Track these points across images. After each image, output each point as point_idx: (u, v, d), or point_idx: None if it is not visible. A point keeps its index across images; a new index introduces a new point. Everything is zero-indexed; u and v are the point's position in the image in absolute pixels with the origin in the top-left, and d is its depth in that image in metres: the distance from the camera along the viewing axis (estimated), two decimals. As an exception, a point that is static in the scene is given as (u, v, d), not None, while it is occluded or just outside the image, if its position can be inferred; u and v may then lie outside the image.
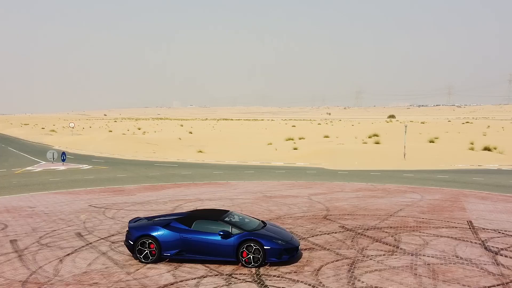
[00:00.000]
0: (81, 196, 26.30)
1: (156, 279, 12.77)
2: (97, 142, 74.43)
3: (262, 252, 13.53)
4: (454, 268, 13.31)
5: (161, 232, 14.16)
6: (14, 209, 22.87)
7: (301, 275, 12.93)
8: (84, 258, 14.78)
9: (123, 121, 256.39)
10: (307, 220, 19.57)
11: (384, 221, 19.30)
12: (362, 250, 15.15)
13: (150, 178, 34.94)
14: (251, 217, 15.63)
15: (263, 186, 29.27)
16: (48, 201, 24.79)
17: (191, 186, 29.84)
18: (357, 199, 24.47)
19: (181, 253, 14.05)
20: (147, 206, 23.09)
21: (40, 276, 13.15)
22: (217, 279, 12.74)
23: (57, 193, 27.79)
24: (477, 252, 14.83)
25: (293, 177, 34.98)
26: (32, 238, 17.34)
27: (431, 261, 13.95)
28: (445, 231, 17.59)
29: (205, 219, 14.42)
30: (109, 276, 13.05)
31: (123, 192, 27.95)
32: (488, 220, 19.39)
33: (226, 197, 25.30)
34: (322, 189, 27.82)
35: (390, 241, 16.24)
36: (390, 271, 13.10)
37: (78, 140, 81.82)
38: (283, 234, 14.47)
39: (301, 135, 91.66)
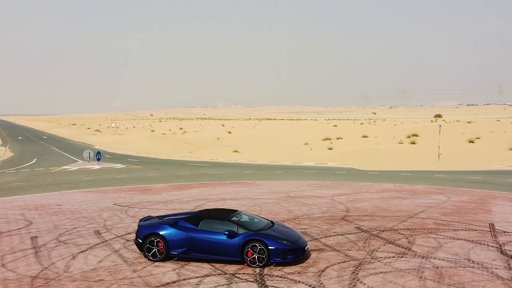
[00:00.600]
0: (108, 195, 26.90)
1: (160, 277, 12.96)
2: (136, 142, 75.89)
3: (267, 252, 13.53)
4: (463, 272, 12.96)
5: (168, 231, 14.36)
6: (42, 206, 23.61)
7: (304, 276, 12.87)
8: (96, 255, 15.13)
9: (167, 121, 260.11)
10: (324, 221, 19.43)
11: (402, 222, 18.97)
12: (372, 252, 14.94)
13: (180, 178, 35.40)
14: (260, 217, 15.65)
15: (289, 186, 29.21)
16: (76, 199, 25.47)
17: (217, 186, 30.07)
18: (380, 200, 24.12)
19: (188, 252, 14.21)
20: (169, 205, 23.41)
21: (50, 272, 13.55)
22: (219, 278, 12.82)
23: (86, 191, 28.52)
24: (491, 256, 14.40)
25: (321, 177, 34.75)
26: (52, 235, 17.87)
27: (441, 264, 13.63)
28: (463, 233, 17.14)
29: (212, 218, 14.53)
30: (115, 273, 13.33)
31: (150, 191, 28.43)
32: (511, 223, 18.78)
33: (249, 197, 25.38)
34: (348, 190, 27.54)
35: (404, 243, 15.96)
36: (395, 274, 12.88)
37: (118, 140, 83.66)
38: (289, 235, 14.42)
39: (341, 135, 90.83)
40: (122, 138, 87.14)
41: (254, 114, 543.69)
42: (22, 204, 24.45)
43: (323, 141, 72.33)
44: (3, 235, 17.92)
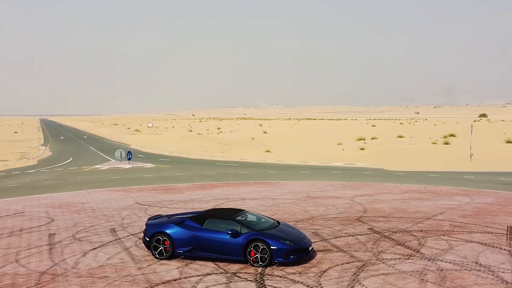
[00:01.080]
0: (133, 194, 27.43)
1: (162, 275, 13.19)
2: (171, 142, 76.97)
3: (269, 252, 13.59)
4: (467, 275, 12.70)
5: (174, 229, 14.58)
6: (67, 204, 24.28)
7: (304, 276, 12.87)
8: (107, 252, 15.49)
9: (207, 121, 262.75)
10: (338, 221, 19.33)
11: (417, 224, 18.68)
12: (379, 253, 14.80)
13: (206, 177, 35.74)
14: (266, 217, 15.71)
15: (311, 187, 29.12)
16: (100, 198, 26.08)
17: (240, 186, 30.24)
18: (401, 201, 23.79)
19: (193, 251, 14.40)
20: (189, 204, 23.71)
21: (59, 268, 13.97)
22: (219, 277, 12.96)
23: (112, 190, 29.16)
24: (500, 259, 14.05)
25: (347, 178, 34.48)
26: (70, 232, 18.39)
27: (446, 267, 13.39)
28: (478, 236, 16.76)
29: (217, 218, 14.68)
30: (120, 270, 13.64)
31: (174, 190, 28.83)
32: (531, 226, 18.24)
33: (268, 197, 25.44)
34: (370, 191, 27.25)
35: (413, 245, 15.73)
36: (396, 276, 12.74)
37: (154, 140, 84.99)
38: (293, 235, 14.43)
39: (377, 135, 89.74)
40: (158, 138, 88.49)
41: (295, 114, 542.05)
42: (49, 202, 25.20)
43: (357, 141, 71.63)
44: (24, 232, 18.54)
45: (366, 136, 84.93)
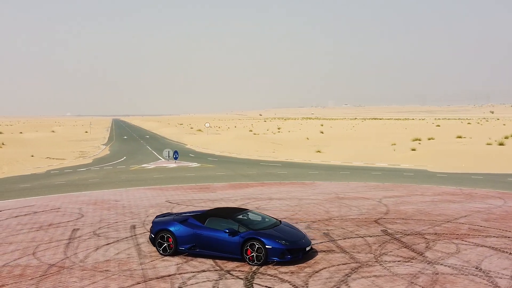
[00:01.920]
0: (167, 192, 28.27)
1: (159, 271, 13.70)
2: (225, 141, 78.13)
3: (264, 251, 13.81)
4: (460, 280, 12.42)
5: (177, 227, 15.08)
6: (102, 201, 25.40)
7: (295, 276, 13.01)
8: (118, 248, 16.20)
9: (272, 121, 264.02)
10: (354, 222, 19.22)
11: (434, 227, 18.29)
12: (380, 255, 14.68)
13: (245, 177, 36.19)
14: (269, 217, 15.92)
15: (344, 187, 28.93)
16: (134, 196, 27.07)
17: (274, 186, 30.45)
18: (429, 203, 23.26)
19: (194, 248, 14.83)
20: (216, 203, 24.18)
21: (68, 261, 14.79)
22: (212, 274, 13.32)
23: (149, 188, 30.16)
24: (504, 265, 13.59)
25: (384, 179, 33.93)
26: (92, 228, 19.31)
27: (443, 271, 13.13)
28: (492, 240, 16.23)
29: (217, 217, 15.04)
30: (123, 265, 14.27)
31: (208, 189, 29.45)
32: (554, 232, 17.43)
33: (297, 197, 25.53)
34: (402, 192, 26.76)
35: (420, 248, 15.46)
36: (387, 278, 12.64)
37: (210, 140, 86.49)
38: (292, 235, 14.56)
39: (438, 136, 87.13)
40: (214, 138, 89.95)
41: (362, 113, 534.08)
42: (86, 199, 26.43)
43: (411, 142, 69.88)
44: (51, 226, 19.64)
45: (424, 137, 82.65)
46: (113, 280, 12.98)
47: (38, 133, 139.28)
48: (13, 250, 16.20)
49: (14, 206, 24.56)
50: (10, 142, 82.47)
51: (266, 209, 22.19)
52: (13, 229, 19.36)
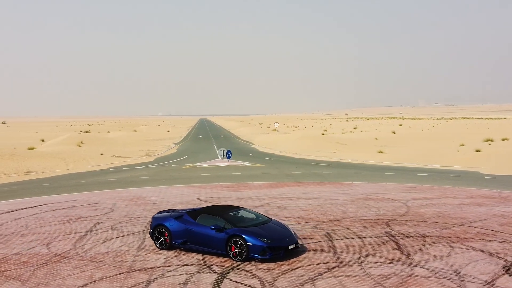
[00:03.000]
0: (204, 190, 29.28)
1: (147, 263, 14.57)
2: (290, 141, 78.58)
3: (246, 248, 14.30)
4: (429, 283, 12.30)
5: (172, 223, 15.90)
6: (138, 198, 26.80)
7: (268, 272, 13.40)
8: (124, 241, 17.26)
9: (355, 120, 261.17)
10: (364, 223, 19.19)
11: (443, 229, 17.91)
12: (366, 256, 14.72)
13: (288, 176, 36.56)
14: (261, 215, 16.35)
15: (378, 188, 28.62)
16: (171, 193, 28.29)
17: (310, 186, 30.63)
18: (454, 206, 22.64)
19: (186, 243, 15.59)
20: (242, 202, 24.80)
21: (73, 252, 16.02)
22: (193, 268, 14.01)
23: (188, 186, 31.34)
24: (486, 270, 13.22)
25: (427, 180, 33.11)
26: (113, 222, 20.58)
27: (418, 273, 13.03)
28: (493, 245, 15.73)
29: (208, 214, 15.71)
30: (117, 257, 15.28)
31: (244, 188, 30.15)
32: None
33: (324, 197, 25.63)
34: (434, 194, 26.11)
35: (412, 250, 15.32)
36: (356, 278, 12.75)
37: (277, 139, 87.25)
38: (276, 233, 14.92)
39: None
40: (282, 138, 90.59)
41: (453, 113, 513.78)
42: (125, 195, 27.96)
43: (482, 143, 66.94)
44: (79, 220, 21.14)
45: (504, 137, 78.69)
46: (101, 270, 13.98)
47: (120, 132, 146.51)
48: (33, 240, 17.69)
49: (59, 200, 26.49)
50: (90, 141, 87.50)
51: (286, 208, 22.57)
52: (44, 221, 21.01)
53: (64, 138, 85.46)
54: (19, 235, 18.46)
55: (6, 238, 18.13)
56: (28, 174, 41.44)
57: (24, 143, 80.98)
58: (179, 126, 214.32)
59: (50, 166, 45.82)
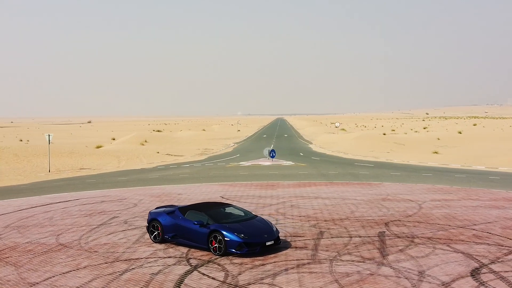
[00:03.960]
0: (232, 188, 30.16)
1: (134, 254, 15.59)
2: (347, 141, 78.15)
3: (224, 243, 15.02)
4: (384, 282, 12.47)
5: (164, 218, 16.86)
6: (165, 194, 28.10)
7: (238, 267, 14.01)
8: (126, 234, 18.39)
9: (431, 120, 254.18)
10: (364, 223, 19.34)
11: (439, 231, 17.78)
12: (342, 255, 14.99)
13: (322, 176, 36.77)
14: (248, 212, 16.97)
15: (404, 189, 28.36)
16: (200, 191, 29.40)
17: (336, 185, 30.76)
18: (469, 208, 22.19)
19: (176, 237, 16.50)
20: (261, 200, 25.44)
21: (76, 242, 17.32)
22: (172, 260, 14.87)
23: (219, 184, 32.36)
24: (452, 272, 13.16)
25: (460, 182, 32.28)
26: (128, 216, 21.85)
27: (381, 272, 13.21)
28: (479, 247, 15.51)
29: (195, 210, 16.54)
30: (112, 248, 16.41)
31: (272, 186, 30.75)
32: None
33: (342, 197, 25.79)
34: (457, 196, 25.57)
35: (392, 250, 15.41)
36: (316, 275, 13.09)
37: (335, 139, 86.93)
38: (256, 230, 15.49)
39: None
40: (340, 137, 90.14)
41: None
42: (156, 192, 29.36)
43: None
44: (101, 214, 22.59)
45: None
46: (90, 259, 15.14)
47: (190, 132, 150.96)
48: (48, 231, 19.22)
49: (93, 196, 28.27)
50: (153, 140, 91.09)
51: (298, 207, 23.00)
52: (69, 214, 22.64)
53: (130, 137, 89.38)
54: (39, 226, 20.07)
55: (27, 228, 19.78)
56: (80, 171, 44.09)
57: (96, 142, 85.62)
58: (251, 126, 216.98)
59: (104, 163, 48.40)
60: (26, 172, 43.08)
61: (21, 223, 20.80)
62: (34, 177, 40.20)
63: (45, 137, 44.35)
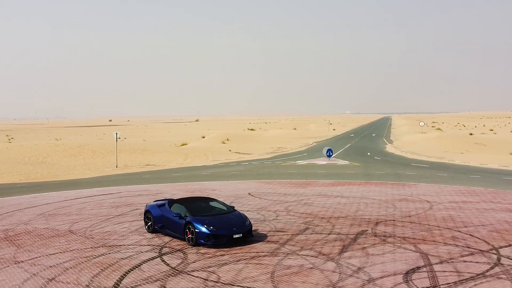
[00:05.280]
0: (266, 185, 31.30)
1: (121, 241, 17.28)
2: (423, 141, 75.92)
3: (194, 234, 16.36)
4: (314, 275, 13.12)
5: (155, 210, 18.48)
6: (199, 190, 29.83)
7: (197, 256, 15.22)
8: (132, 224, 20.10)
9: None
10: (355, 222, 19.68)
11: (422, 232, 17.82)
12: (302, 250, 15.67)
13: (366, 176, 36.68)
14: (228, 206, 18.10)
15: (431, 190, 27.92)
16: (234, 187, 30.76)
17: (368, 185, 30.74)
18: (481, 210, 21.66)
19: (163, 228, 18.06)
20: (288, 197, 26.24)
21: (82, 230, 19.36)
22: (147, 248, 16.40)
23: (258, 182, 33.55)
24: (387, 270, 13.46)
25: (505, 184, 31.02)
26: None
27: (321, 267, 13.81)
28: (443, 249, 15.49)
29: (179, 203, 17.99)
30: (107, 235, 18.25)
31: (305, 185, 31.45)
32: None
33: (362, 196, 25.96)
34: (480, 199, 24.77)
35: (355, 247, 15.83)
36: (258, 267, 13.86)
37: (413, 139, 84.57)
38: (227, 223, 16.59)
39: None
40: (419, 137, 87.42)
41: None
42: (193, 187, 31.17)
43: None
44: (127, 206, 24.68)
45: None
46: (81, 244, 17.05)
47: (281, 131, 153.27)
48: (69, 219, 21.49)
49: (135, 190, 30.64)
50: (235, 138, 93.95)
51: (310, 205, 23.67)
52: (100, 205, 24.96)
53: (214, 136, 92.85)
54: (66, 215, 22.46)
55: (54, 217, 22.21)
56: (145, 167, 47.23)
57: (187, 139, 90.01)
58: (350, 125, 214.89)
59: (170, 160, 51.37)
60: (96, 167, 46.94)
61: (54, 212, 23.33)
62: (100, 172, 43.78)
63: (114, 135, 48.00)
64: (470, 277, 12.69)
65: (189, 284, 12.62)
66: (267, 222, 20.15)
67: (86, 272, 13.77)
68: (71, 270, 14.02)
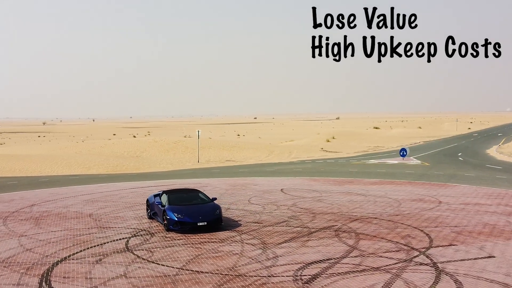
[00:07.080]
0: (309, 182, 32.53)
1: (117, 224, 20.02)
2: None
3: (167, 220, 18.73)
4: (229, 258, 14.71)
5: (152, 199, 21.11)
6: (244, 184, 31.84)
7: (163, 239, 17.39)
8: (145, 212, 22.88)
9: None
10: (343, 218, 20.28)
11: (386, 229, 18.33)
12: (254, 239, 17.23)
13: (423, 176, 35.97)
14: (208, 198, 20.12)
15: (458, 192, 27.18)
16: (275, 183, 32.24)
17: (405, 185, 30.38)
18: (484, 213, 21.13)
19: (155, 215, 20.64)
20: (306, 193, 27.52)
21: (99, 213, 22.54)
22: (130, 230, 18.93)
23: (302, 178, 34.77)
24: (299, 260, 14.69)
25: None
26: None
27: (248, 254, 15.26)
28: (378, 245, 16.12)
29: (167, 193, 20.39)
30: (112, 219, 21.09)
31: (345, 183, 32.09)
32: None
33: (381, 195, 25.94)
34: (495, 201, 23.68)
35: (302, 239, 16.92)
36: (198, 251, 15.73)
37: None
38: (195, 212, 18.61)
39: None
40: None
41: None
42: (242, 182, 33.14)
43: None
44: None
45: None
46: (83, 224, 20.11)
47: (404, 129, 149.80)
48: (102, 205, 24.71)
49: (187, 182, 33.47)
50: (342, 137, 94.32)
51: (323, 201, 24.69)
52: (138, 195, 28.05)
53: (319, 134, 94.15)
54: (103, 202, 25.84)
55: (94, 203, 25.63)
56: (225, 162, 50.35)
57: (300, 137, 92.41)
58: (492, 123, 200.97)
59: (252, 156, 54.01)
60: (180, 161, 51.05)
61: (98, 199, 26.85)
62: (180, 166, 47.69)
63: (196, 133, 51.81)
64: (353, 271, 13.41)
65: (120, 259, 14.91)
66: (258, 214, 21.68)
67: (59, 245, 16.65)
68: (52, 244, 16.96)
